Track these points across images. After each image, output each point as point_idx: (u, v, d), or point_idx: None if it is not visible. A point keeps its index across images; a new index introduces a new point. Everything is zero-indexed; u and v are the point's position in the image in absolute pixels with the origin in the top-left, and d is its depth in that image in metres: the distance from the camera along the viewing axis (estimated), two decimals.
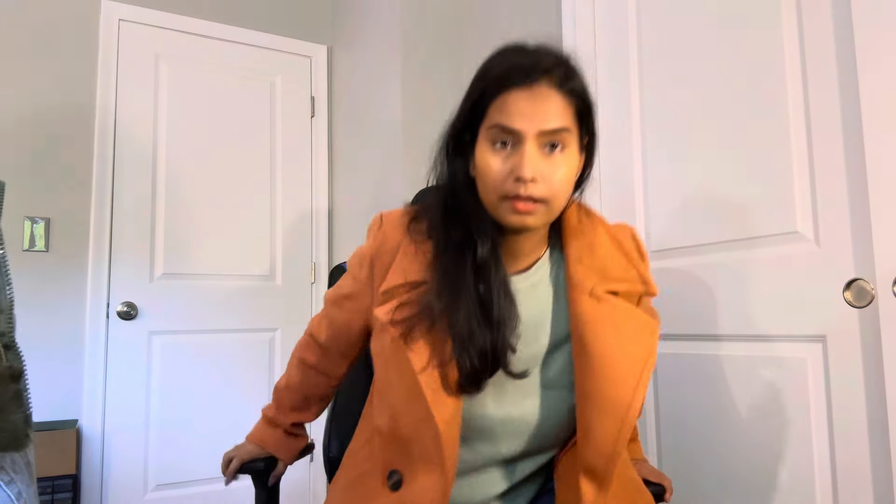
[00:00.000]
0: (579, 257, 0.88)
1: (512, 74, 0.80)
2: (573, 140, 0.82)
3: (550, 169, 0.79)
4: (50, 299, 2.30)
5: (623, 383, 0.81)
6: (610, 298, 0.86)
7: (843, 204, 1.21)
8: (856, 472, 1.18)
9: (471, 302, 0.81)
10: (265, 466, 1.13)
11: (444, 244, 0.86)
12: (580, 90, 0.83)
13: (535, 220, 0.81)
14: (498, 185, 0.80)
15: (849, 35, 1.20)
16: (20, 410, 0.53)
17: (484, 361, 0.80)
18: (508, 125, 0.79)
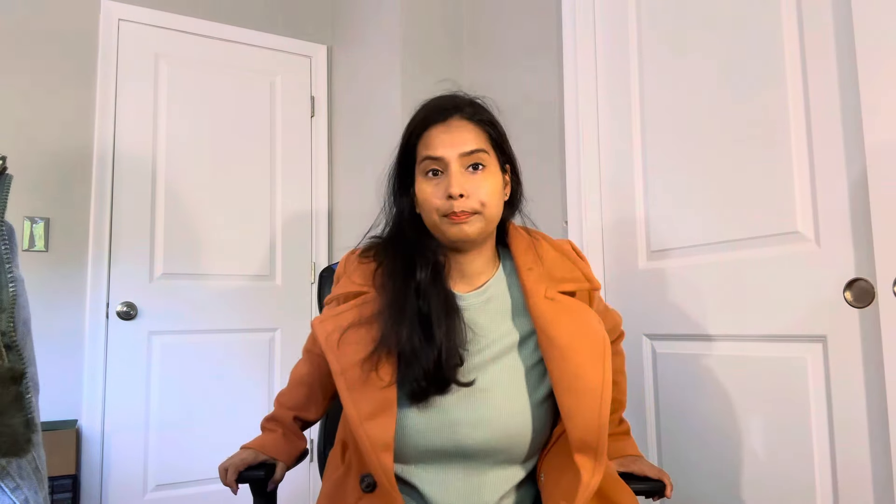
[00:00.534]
0: (530, 267, 0.99)
1: (430, 115, 0.97)
2: (492, 160, 0.96)
3: (475, 185, 0.93)
4: (50, 299, 2.30)
5: (591, 366, 0.90)
6: (562, 298, 0.96)
7: (843, 204, 1.21)
8: (856, 471, 1.18)
9: (413, 321, 0.91)
10: (265, 475, 1.09)
11: (392, 272, 0.97)
12: (489, 120, 0.99)
13: (472, 228, 0.93)
14: (435, 206, 0.94)
15: (849, 35, 1.20)
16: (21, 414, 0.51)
17: (428, 375, 0.88)
18: (434, 154, 0.94)
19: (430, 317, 0.91)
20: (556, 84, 1.91)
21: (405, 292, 0.94)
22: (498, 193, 0.96)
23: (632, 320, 1.64)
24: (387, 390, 0.89)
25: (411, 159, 0.99)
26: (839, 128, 1.22)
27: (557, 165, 1.88)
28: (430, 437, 0.91)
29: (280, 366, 2.66)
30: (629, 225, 1.69)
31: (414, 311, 0.92)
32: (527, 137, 2.00)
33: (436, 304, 0.93)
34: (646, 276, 1.63)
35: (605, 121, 1.78)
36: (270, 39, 2.78)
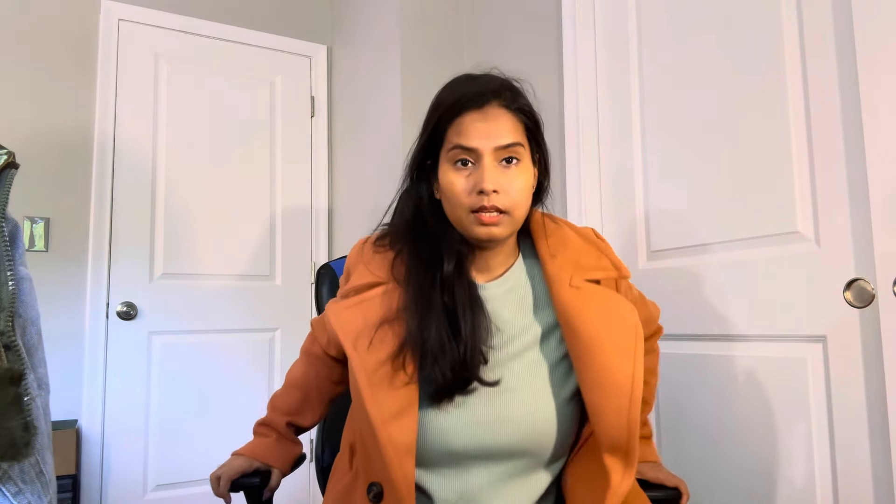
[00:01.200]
0: (553, 254, 0.93)
1: (465, 99, 0.88)
2: (526, 154, 0.89)
3: (508, 181, 0.86)
4: (50, 299, 2.29)
5: (620, 360, 0.84)
6: (588, 286, 0.90)
7: (844, 204, 1.21)
8: (856, 472, 1.18)
9: (440, 316, 0.85)
10: (260, 482, 1.06)
11: (415, 263, 0.90)
12: (527, 109, 0.91)
13: (500, 231, 0.87)
14: (463, 201, 0.86)
15: (849, 35, 1.20)
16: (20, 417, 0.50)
17: (455, 373, 0.83)
18: (467, 144, 0.86)
19: (456, 311, 0.86)
20: (556, 84, 1.91)
21: (431, 284, 0.87)
22: (529, 191, 0.90)
23: None
24: (409, 388, 0.83)
25: (437, 143, 0.91)
26: (839, 128, 1.22)
27: (557, 165, 1.88)
28: (452, 438, 0.85)
29: (280, 366, 2.66)
30: (629, 225, 1.69)
31: (440, 305, 0.86)
32: None
33: (461, 296, 0.87)
34: (646, 276, 1.63)
35: (605, 121, 1.78)
36: (270, 39, 2.78)
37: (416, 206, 0.94)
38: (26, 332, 0.57)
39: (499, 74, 0.94)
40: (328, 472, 1.17)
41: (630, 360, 0.84)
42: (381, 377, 0.83)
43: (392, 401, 0.82)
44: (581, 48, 1.81)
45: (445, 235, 0.91)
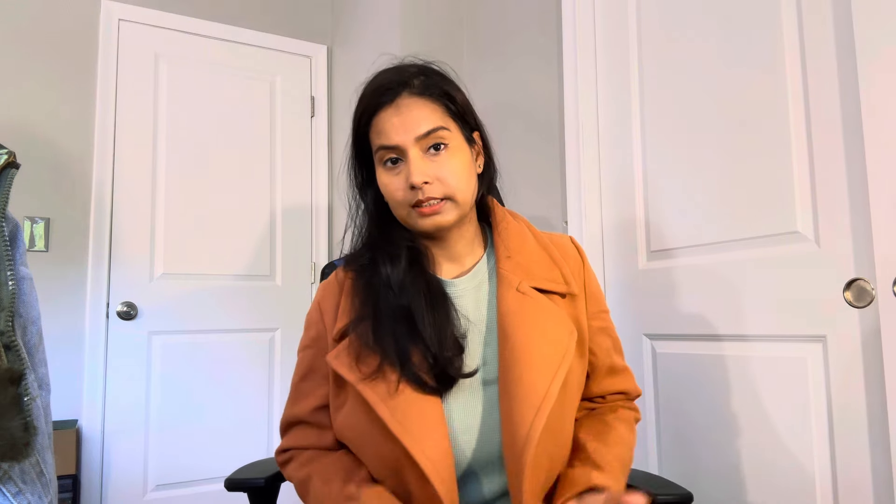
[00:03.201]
0: (508, 255, 0.91)
1: (376, 98, 0.86)
2: (454, 136, 0.86)
3: (439, 167, 0.84)
4: (50, 299, 2.29)
5: (540, 370, 0.80)
6: (534, 293, 0.87)
7: (844, 204, 1.21)
8: (856, 472, 1.18)
9: (392, 321, 0.82)
10: (265, 484, 1.04)
11: (357, 275, 0.89)
12: (444, 92, 0.87)
13: (445, 218, 0.85)
14: (400, 199, 0.85)
15: (849, 35, 1.20)
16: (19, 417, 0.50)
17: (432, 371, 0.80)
18: (387, 143, 0.84)
19: (411, 311, 0.82)
20: (556, 84, 1.91)
21: (373, 290, 0.86)
22: (466, 171, 0.87)
23: (632, 320, 1.64)
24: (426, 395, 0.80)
25: (366, 148, 0.89)
26: (839, 128, 1.22)
27: (557, 165, 1.88)
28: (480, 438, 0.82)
29: (280, 366, 2.65)
30: (629, 225, 1.69)
31: (387, 306, 0.83)
32: (527, 137, 2.00)
33: (416, 295, 0.84)
34: (646, 276, 1.63)
35: (605, 121, 1.78)
36: (270, 39, 2.78)
37: (367, 217, 0.93)
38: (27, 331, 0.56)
39: (413, 61, 0.91)
40: None
41: (549, 376, 0.80)
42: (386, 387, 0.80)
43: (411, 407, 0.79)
44: (581, 48, 1.81)
45: (391, 241, 0.89)
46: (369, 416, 0.80)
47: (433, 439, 0.77)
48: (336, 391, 0.87)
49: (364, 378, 0.80)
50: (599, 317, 0.96)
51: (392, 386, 0.79)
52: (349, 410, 0.84)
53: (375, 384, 0.79)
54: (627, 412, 0.98)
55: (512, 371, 0.81)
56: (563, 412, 0.84)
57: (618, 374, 0.98)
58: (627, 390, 0.99)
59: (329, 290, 0.94)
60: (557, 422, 0.82)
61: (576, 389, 0.89)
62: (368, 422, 0.81)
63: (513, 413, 0.79)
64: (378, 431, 0.79)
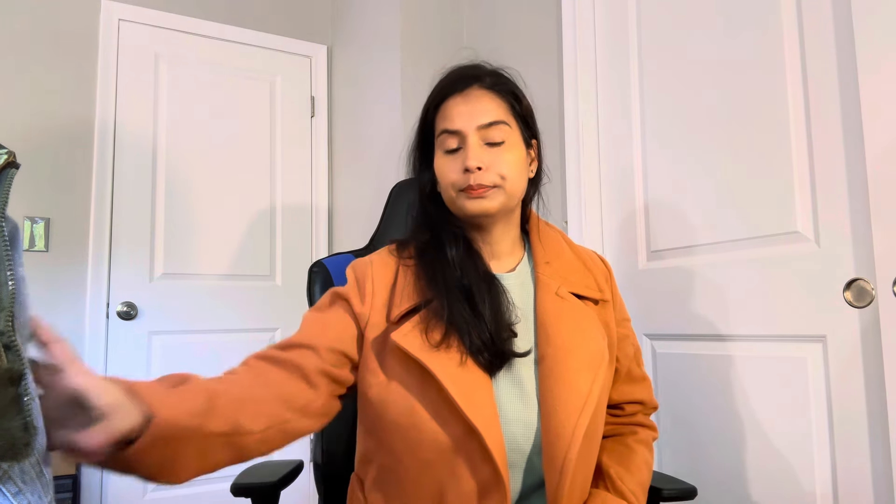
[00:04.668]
0: (546, 260, 0.93)
1: (448, 85, 0.91)
2: (514, 134, 0.90)
3: (495, 157, 0.87)
4: (50, 299, 2.29)
5: (580, 371, 0.82)
6: (572, 298, 0.90)
7: (843, 204, 1.21)
8: (856, 471, 1.18)
9: (458, 297, 0.84)
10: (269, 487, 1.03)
11: (423, 250, 0.91)
12: (512, 90, 0.92)
13: (491, 203, 0.87)
14: (451, 181, 0.88)
15: (849, 35, 1.20)
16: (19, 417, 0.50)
17: (489, 349, 0.82)
18: (451, 127, 0.88)
19: (472, 290, 0.85)
20: (556, 84, 1.91)
21: (443, 264, 0.88)
22: (520, 166, 0.90)
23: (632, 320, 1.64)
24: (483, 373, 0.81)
25: (430, 134, 0.93)
26: (839, 128, 1.22)
27: (557, 165, 1.88)
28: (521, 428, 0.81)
29: None
30: (629, 225, 1.69)
31: (453, 283, 0.85)
32: None
33: (474, 276, 0.86)
34: (646, 276, 1.63)
35: (605, 121, 1.78)
36: (270, 39, 2.78)
37: (420, 197, 0.96)
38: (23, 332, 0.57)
39: (488, 63, 0.97)
40: (328, 476, 1.16)
41: (591, 377, 0.83)
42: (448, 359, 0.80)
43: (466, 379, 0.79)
44: (581, 48, 1.81)
45: (446, 221, 0.92)
46: (428, 393, 0.80)
47: (489, 415, 0.78)
48: (379, 364, 0.84)
49: (431, 350, 0.80)
50: (624, 325, 0.99)
51: (458, 358, 0.80)
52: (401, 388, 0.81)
53: (440, 356, 0.80)
54: (647, 433, 1.00)
55: (554, 370, 0.83)
56: (598, 416, 0.86)
57: (636, 382, 1.00)
58: (644, 400, 1.01)
59: (384, 269, 0.91)
60: (595, 425, 0.85)
61: (607, 391, 0.91)
62: (427, 399, 0.80)
63: (556, 412, 0.80)
64: (436, 409, 0.79)
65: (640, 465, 0.93)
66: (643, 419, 1.01)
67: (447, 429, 0.78)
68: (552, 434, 0.79)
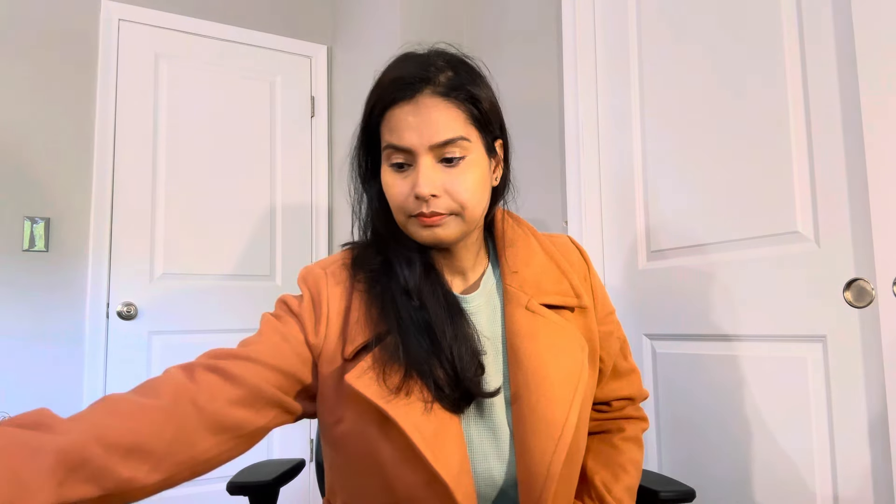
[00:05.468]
0: (514, 269, 0.83)
1: (395, 89, 0.76)
2: (474, 146, 0.77)
3: (451, 179, 0.75)
4: (50, 299, 2.29)
5: (557, 400, 0.75)
6: (545, 311, 0.81)
7: (844, 204, 1.21)
8: (856, 471, 1.18)
9: (416, 330, 0.75)
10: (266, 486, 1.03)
11: (373, 277, 0.80)
12: (471, 95, 0.77)
13: (446, 232, 0.76)
14: (401, 206, 0.76)
15: (849, 35, 1.20)
16: None
17: (454, 389, 0.74)
18: (398, 143, 0.75)
19: (430, 321, 0.75)
20: (556, 84, 1.91)
21: (395, 294, 0.77)
22: (481, 187, 0.77)
23: (632, 320, 1.64)
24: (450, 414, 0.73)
25: (376, 139, 0.80)
26: (839, 128, 1.22)
27: (557, 165, 1.88)
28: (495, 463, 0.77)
29: None
30: (629, 225, 1.69)
31: (409, 315, 0.76)
32: (527, 137, 2.00)
33: (433, 305, 0.76)
34: (646, 276, 1.63)
35: (605, 121, 1.78)
36: (270, 39, 2.78)
37: (369, 213, 0.84)
38: None
39: (446, 49, 0.81)
40: None
41: (567, 404, 0.75)
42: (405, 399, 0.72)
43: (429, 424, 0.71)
44: (581, 48, 1.81)
45: (398, 242, 0.80)
46: (389, 438, 0.72)
47: (458, 462, 0.72)
48: (334, 402, 0.77)
49: (390, 395, 0.71)
50: (607, 320, 0.91)
51: (420, 405, 0.72)
52: (359, 430, 0.75)
53: (400, 402, 0.71)
54: (634, 426, 0.95)
55: (526, 399, 0.76)
56: (580, 436, 0.81)
57: (623, 377, 0.95)
58: (633, 395, 0.96)
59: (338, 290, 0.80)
60: (575, 449, 0.79)
61: (589, 403, 0.85)
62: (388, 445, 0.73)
63: (530, 445, 0.74)
64: (399, 455, 0.72)
65: (626, 467, 0.89)
66: (631, 412, 0.97)
67: (414, 475, 0.72)
68: (527, 472, 0.74)
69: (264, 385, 0.72)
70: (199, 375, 0.70)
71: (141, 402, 0.64)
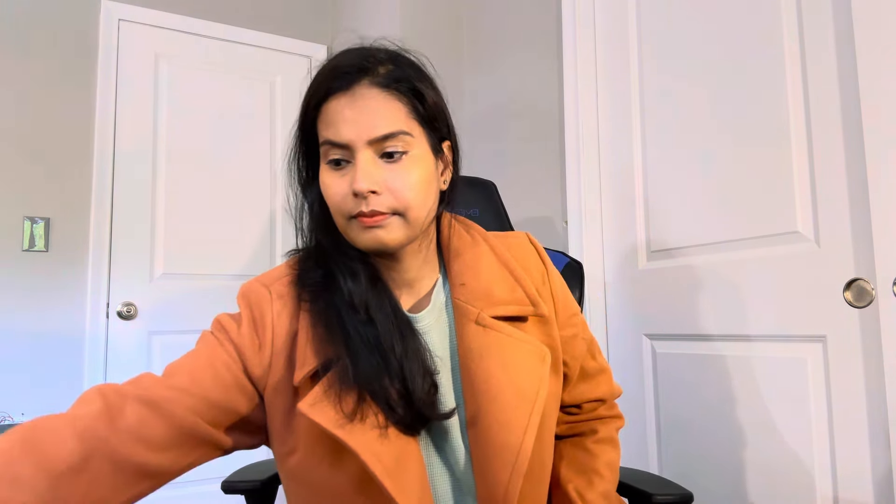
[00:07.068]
0: (462, 281, 0.77)
1: (330, 79, 0.72)
2: (417, 143, 0.71)
3: (392, 176, 0.69)
4: (50, 299, 2.29)
5: (512, 423, 0.71)
6: (498, 325, 0.75)
7: (844, 204, 1.21)
8: (856, 471, 1.18)
9: (364, 347, 0.69)
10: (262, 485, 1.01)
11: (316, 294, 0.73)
12: (413, 88, 0.72)
13: (390, 235, 0.70)
14: (340, 206, 0.70)
15: (849, 34, 1.20)
16: None
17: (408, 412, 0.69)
18: (334, 138, 0.69)
19: (379, 340, 0.70)
20: (556, 84, 1.91)
21: (339, 309, 0.71)
22: (425, 185, 0.71)
23: (632, 320, 1.64)
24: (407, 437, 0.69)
25: (312, 138, 0.74)
26: (839, 127, 1.22)
27: (557, 165, 1.88)
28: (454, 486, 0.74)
29: None
30: (629, 225, 1.69)
31: (356, 331, 0.70)
32: (527, 137, 2.00)
33: (381, 319, 0.71)
34: (646, 276, 1.63)
35: (605, 121, 1.78)
36: (270, 39, 2.78)
37: (309, 220, 0.78)
38: None
39: (385, 45, 0.76)
40: None
41: (522, 428, 0.70)
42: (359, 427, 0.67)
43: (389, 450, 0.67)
44: (581, 48, 1.81)
45: (341, 253, 0.74)
46: (345, 468, 0.68)
47: (419, 489, 0.68)
48: (285, 432, 0.72)
49: (346, 421, 0.66)
50: (570, 322, 0.85)
51: (377, 431, 0.67)
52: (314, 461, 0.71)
53: (356, 429, 0.66)
54: (608, 426, 0.91)
55: (481, 422, 0.71)
56: (541, 456, 0.77)
57: (591, 378, 0.90)
58: (604, 396, 0.92)
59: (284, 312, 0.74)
60: (539, 466, 0.76)
61: (552, 410, 0.81)
62: (344, 475, 0.69)
63: (486, 470, 0.71)
64: (356, 485, 0.68)
65: (601, 472, 0.85)
66: (604, 412, 0.92)
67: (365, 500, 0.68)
68: (485, 497, 0.71)
69: (195, 421, 0.67)
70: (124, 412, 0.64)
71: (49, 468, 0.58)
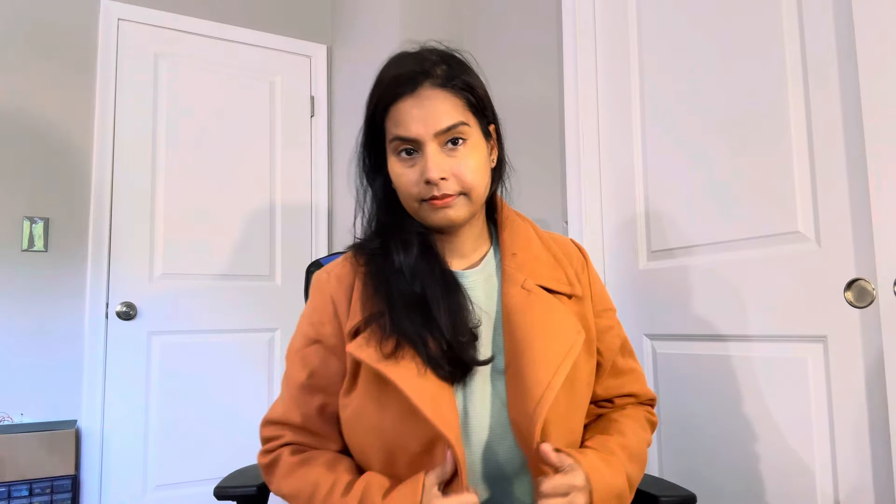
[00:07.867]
0: (513, 252, 0.90)
1: (396, 85, 0.84)
2: (473, 131, 0.85)
3: (456, 163, 0.82)
4: (49, 299, 2.29)
5: (542, 364, 0.79)
6: (539, 291, 0.86)
7: (844, 204, 1.21)
8: (856, 471, 1.18)
9: (407, 306, 0.81)
10: (257, 491, 1.01)
11: (370, 260, 0.87)
12: (466, 84, 0.85)
13: (457, 212, 0.83)
14: (412, 192, 0.83)
15: (849, 33, 1.20)
16: None
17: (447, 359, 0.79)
18: (405, 135, 0.82)
19: (425, 295, 0.82)
20: (556, 84, 1.91)
21: (388, 274, 0.84)
22: (483, 167, 0.85)
23: (632, 320, 1.64)
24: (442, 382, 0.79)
25: (380, 135, 0.88)
26: (840, 127, 1.22)
27: (557, 165, 1.88)
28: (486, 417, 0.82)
29: (279, 366, 2.65)
30: (629, 225, 1.69)
31: (401, 293, 0.82)
32: (527, 137, 2.00)
33: (430, 282, 0.83)
34: (646, 276, 1.63)
35: (605, 121, 1.78)
36: (270, 39, 2.78)
37: (374, 204, 0.91)
38: None
39: (436, 46, 0.89)
40: None
41: (552, 369, 0.79)
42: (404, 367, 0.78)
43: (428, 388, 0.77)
44: (581, 48, 1.81)
45: (402, 228, 0.87)
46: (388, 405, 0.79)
47: (453, 427, 0.76)
48: (350, 384, 0.84)
49: (386, 360, 0.78)
50: (605, 315, 0.94)
51: (415, 369, 0.77)
52: (363, 405, 0.82)
53: (398, 367, 0.77)
54: (637, 410, 0.96)
55: (515, 365, 0.81)
56: (571, 406, 0.83)
57: (622, 375, 0.96)
58: (636, 393, 0.97)
59: (340, 281, 0.89)
60: (563, 413, 0.81)
61: (585, 387, 0.88)
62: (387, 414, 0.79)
63: (517, 405, 0.79)
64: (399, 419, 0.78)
65: (623, 431, 0.90)
66: (635, 403, 0.98)
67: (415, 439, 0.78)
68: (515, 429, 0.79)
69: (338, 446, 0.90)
70: None
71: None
